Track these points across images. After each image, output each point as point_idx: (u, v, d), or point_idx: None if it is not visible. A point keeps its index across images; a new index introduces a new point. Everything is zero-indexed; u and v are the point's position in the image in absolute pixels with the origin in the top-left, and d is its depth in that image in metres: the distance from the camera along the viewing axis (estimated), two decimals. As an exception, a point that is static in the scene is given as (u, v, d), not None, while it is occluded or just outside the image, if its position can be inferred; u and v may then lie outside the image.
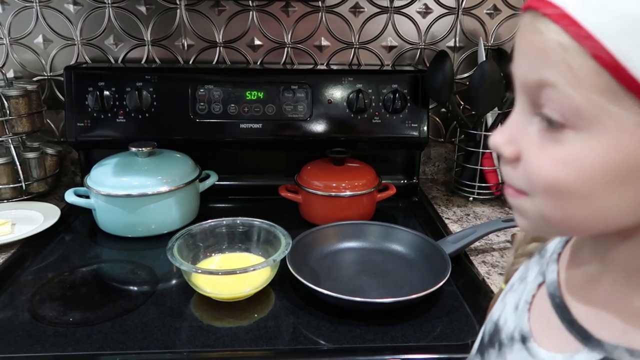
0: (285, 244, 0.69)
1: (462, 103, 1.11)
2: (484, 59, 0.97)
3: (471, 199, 1.03)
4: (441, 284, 0.66)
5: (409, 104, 1.01)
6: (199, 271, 0.66)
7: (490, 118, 0.99)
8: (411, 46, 1.10)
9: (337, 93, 1.00)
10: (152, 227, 0.88)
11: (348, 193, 0.90)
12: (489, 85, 0.88)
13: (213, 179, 0.96)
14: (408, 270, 0.75)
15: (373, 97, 1.00)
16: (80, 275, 0.75)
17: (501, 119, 0.99)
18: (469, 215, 0.96)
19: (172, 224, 0.89)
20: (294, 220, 0.94)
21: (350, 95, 1.00)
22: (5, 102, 0.91)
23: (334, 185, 0.90)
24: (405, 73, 1.04)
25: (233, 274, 0.66)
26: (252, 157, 1.06)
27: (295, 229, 0.78)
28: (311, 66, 1.10)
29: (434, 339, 0.62)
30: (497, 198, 1.03)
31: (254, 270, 0.65)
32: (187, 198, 0.90)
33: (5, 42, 1.04)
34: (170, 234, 0.87)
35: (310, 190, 0.91)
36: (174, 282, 0.74)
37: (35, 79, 1.07)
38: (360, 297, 0.64)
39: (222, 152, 1.04)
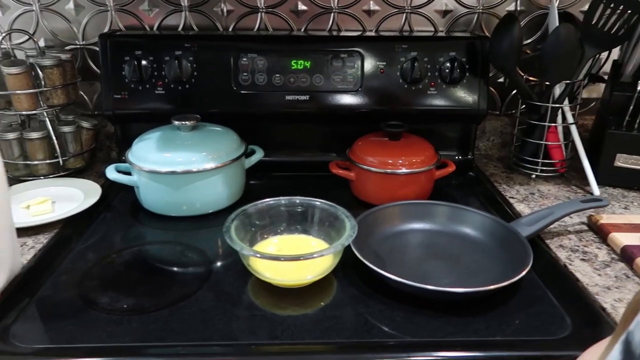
0: (350, 227, 0.63)
1: (522, 73, 1.03)
2: (557, 23, 0.88)
3: (534, 176, 0.95)
4: (524, 272, 0.60)
5: (467, 74, 0.93)
6: (261, 256, 0.60)
7: (557, 89, 0.91)
8: (468, 10, 1.02)
9: (390, 62, 0.93)
10: (197, 206, 0.83)
11: (405, 170, 0.83)
12: (565, 52, 0.80)
13: (259, 155, 0.91)
14: (479, 256, 0.69)
15: (429, 66, 0.93)
16: (129, 258, 0.71)
17: (570, 89, 0.91)
18: (533, 194, 0.89)
19: (218, 203, 0.84)
20: (345, 199, 0.87)
21: (405, 65, 0.92)
22: (40, 72, 0.85)
23: (390, 161, 0.84)
24: (463, 40, 0.95)
25: (297, 260, 0.60)
26: (297, 131, 1.00)
27: (347, 209, 0.72)
28: (359, 32, 1.02)
29: (522, 333, 0.56)
30: (561, 176, 0.96)
31: (320, 256, 0.59)
32: (233, 175, 0.85)
33: (35, 8, 0.98)
34: (216, 214, 0.84)
35: (364, 167, 0.84)
36: (227, 264, 0.69)
37: (67, 48, 1.01)
38: (437, 286, 0.58)
39: (266, 125, 0.98)
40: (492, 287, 0.58)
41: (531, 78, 0.97)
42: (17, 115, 0.92)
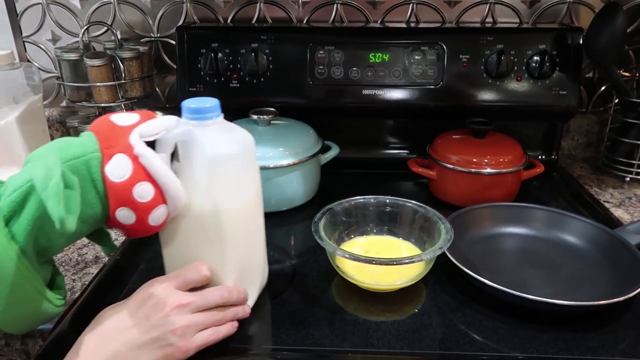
0: (445, 231, 0.60)
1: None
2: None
3: (628, 179, 0.89)
4: (642, 285, 0.55)
5: (557, 68, 0.87)
6: (353, 258, 0.57)
7: (660, 85, 0.84)
8: (557, 0, 0.95)
9: (473, 55, 0.88)
10: (272, 202, 0.81)
11: (492, 170, 0.79)
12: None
13: (335, 151, 0.88)
14: (581, 265, 0.64)
15: (516, 59, 0.87)
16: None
17: (674, 85, 0.84)
18: (630, 198, 0.83)
19: (294, 200, 0.82)
20: (424, 199, 0.82)
21: (490, 58, 0.87)
22: (120, 64, 0.86)
23: (475, 160, 0.79)
24: (553, 31, 0.89)
25: (390, 265, 0.57)
26: (374, 127, 0.96)
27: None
28: (439, 24, 0.98)
29: (643, 353, 0.51)
30: (658, 179, 0.89)
31: (419, 261, 0.56)
32: (309, 172, 0.82)
33: (112, 0, 0.99)
34: (290, 211, 0.82)
35: (447, 165, 0.80)
36: (310, 263, 0.66)
37: (142, 40, 1.01)
38: (540, 296, 0.54)
39: (342, 120, 0.95)
40: (607, 301, 0.53)
41: (625, 73, 0.90)
42: (95, 107, 0.93)
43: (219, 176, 0.49)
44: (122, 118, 0.47)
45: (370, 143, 0.96)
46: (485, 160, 0.79)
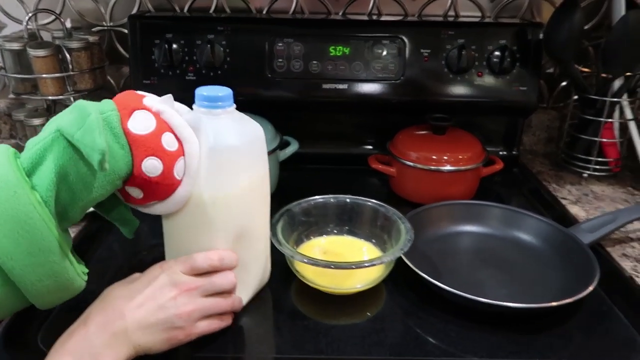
0: (405, 231, 0.59)
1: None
2: (623, 10, 0.81)
3: (586, 175, 0.89)
4: (592, 286, 0.55)
5: (517, 64, 0.87)
6: (312, 262, 0.55)
7: (617, 82, 0.84)
8: (519, -6, 0.95)
9: (434, 49, 0.86)
10: (228, 200, 0.78)
11: (451, 167, 0.78)
12: (633, 41, 0.73)
13: (294, 147, 0.86)
14: (537, 264, 0.64)
15: (477, 54, 0.86)
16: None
17: (630, 83, 0.84)
18: (587, 195, 0.83)
19: (251, 197, 0.80)
20: (384, 196, 0.82)
21: (451, 52, 0.86)
22: (67, 55, 0.81)
23: (434, 157, 0.79)
24: (514, 26, 0.89)
25: (350, 269, 0.55)
26: (334, 122, 0.95)
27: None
28: (401, 17, 0.96)
29: (591, 354, 0.51)
30: (615, 175, 0.90)
31: (374, 265, 0.55)
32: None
33: (61, -13, 0.94)
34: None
35: (407, 162, 0.79)
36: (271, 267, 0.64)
37: (94, 29, 0.96)
38: (494, 298, 0.53)
39: (302, 115, 0.93)
40: (558, 303, 0.53)
41: (584, 69, 0.91)
42: (43, 100, 0.89)
43: (217, 166, 0.49)
44: (140, 92, 0.50)
45: (331, 138, 0.95)
46: (445, 157, 0.78)
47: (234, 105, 0.52)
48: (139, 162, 0.45)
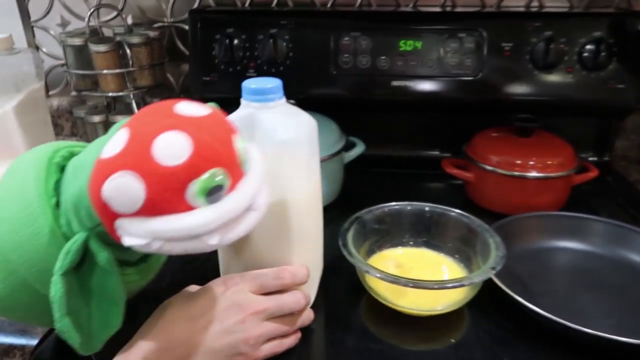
0: (494, 246, 0.51)
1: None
2: None
3: (694, 186, 0.78)
4: None
5: (614, 59, 0.77)
6: (390, 279, 0.47)
7: None
8: (614, -19, 0.84)
9: (517, 43, 0.78)
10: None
11: (538, 174, 0.69)
12: None
13: (359, 149, 0.79)
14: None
15: (567, 48, 0.77)
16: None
17: None
18: (699, 209, 0.72)
19: (314, 202, 0.74)
20: (459, 203, 0.72)
21: (536, 46, 0.77)
22: (127, 50, 0.79)
23: (519, 162, 0.70)
24: (609, 16, 0.79)
25: (430, 289, 0.48)
26: (404, 122, 0.87)
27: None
28: (478, 8, 0.88)
29: None
30: None
31: (463, 285, 0.47)
32: (331, 172, 0.74)
33: (123, -18, 0.92)
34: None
35: (487, 167, 0.71)
36: (335, 275, 0.58)
37: (154, 25, 0.94)
38: (599, 328, 0.45)
39: (368, 114, 0.87)
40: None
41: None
42: (103, 97, 0.87)
43: (285, 163, 0.45)
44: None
45: (399, 140, 0.88)
46: (531, 162, 0.70)
47: (284, 97, 0.48)
48: None
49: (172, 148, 0.32)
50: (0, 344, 0.50)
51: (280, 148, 0.45)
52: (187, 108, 0.35)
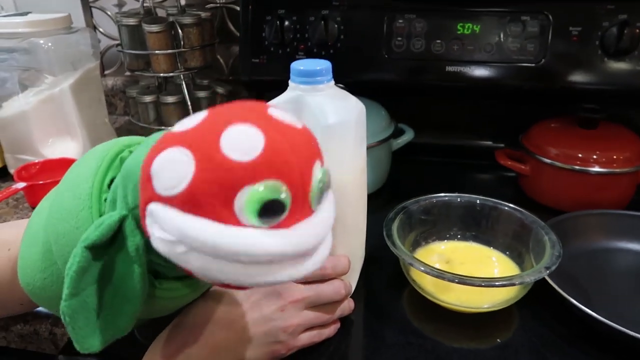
0: (550, 244, 0.48)
1: None
2: None
3: None
4: None
5: (696, 45, 0.70)
6: (435, 274, 0.45)
7: None
8: (700, -40, 0.76)
9: (587, 27, 0.72)
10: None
11: (601, 169, 0.64)
12: None
13: (409, 136, 0.77)
14: None
15: (642, 33, 0.71)
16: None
17: None
18: None
19: (360, 189, 0.72)
20: (511, 197, 0.69)
21: (608, 31, 0.71)
22: (180, 30, 0.79)
23: (581, 155, 0.65)
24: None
25: (478, 286, 0.46)
26: (458, 110, 0.84)
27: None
28: (544, -10, 0.82)
29: None
30: None
31: (512, 285, 0.45)
32: (379, 159, 0.72)
33: (178, -37, 0.92)
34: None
35: (545, 160, 0.67)
36: (378, 269, 0.56)
37: (207, 6, 0.94)
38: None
39: (420, 100, 0.84)
40: None
41: None
42: (155, 77, 0.88)
43: (331, 148, 0.42)
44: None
45: (450, 128, 0.84)
46: (594, 157, 0.65)
47: (333, 80, 0.46)
48: None
49: (242, 141, 0.26)
50: (50, 314, 0.52)
51: (327, 132, 0.44)
52: (281, 114, 0.30)
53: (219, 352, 0.39)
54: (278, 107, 0.30)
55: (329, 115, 0.44)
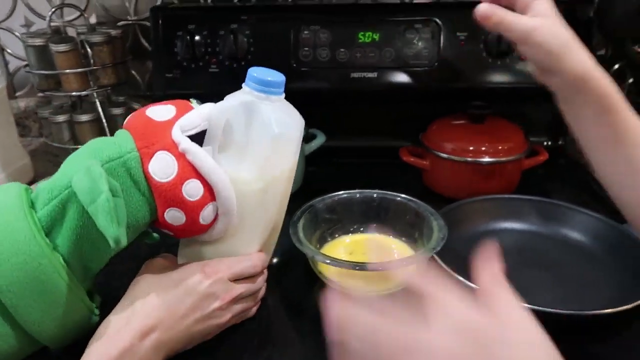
0: (437, 228, 0.53)
1: (629, 43, 0.87)
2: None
3: None
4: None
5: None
6: (335, 263, 0.50)
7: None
8: (565, -30, 0.87)
9: (472, 32, 0.80)
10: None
11: (489, 159, 0.72)
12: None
13: (320, 140, 0.81)
14: (587, 265, 0.57)
15: (518, 36, 0.79)
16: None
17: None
18: (644, 188, 0.75)
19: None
20: (418, 191, 0.76)
21: (490, 35, 0.79)
22: (89, 49, 0.80)
23: (472, 148, 0.73)
24: (559, 4, 0.80)
25: (376, 270, 0.51)
26: (364, 113, 0.90)
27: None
28: None
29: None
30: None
31: (396, 267, 0.50)
32: (293, 162, 0.76)
33: (85, -18, 0.93)
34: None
35: (441, 154, 0.74)
36: (288, 265, 0.60)
37: (119, 24, 0.95)
38: (540, 303, 0.47)
39: (329, 106, 0.88)
40: (614, 310, 0.46)
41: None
42: (68, 97, 0.88)
43: (273, 157, 0.47)
44: (157, 112, 0.45)
45: (360, 131, 0.90)
46: (483, 148, 0.72)
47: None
48: (162, 211, 0.43)
49: None
50: None
51: (275, 142, 0.46)
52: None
53: (156, 350, 0.42)
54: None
55: (279, 126, 0.46)
